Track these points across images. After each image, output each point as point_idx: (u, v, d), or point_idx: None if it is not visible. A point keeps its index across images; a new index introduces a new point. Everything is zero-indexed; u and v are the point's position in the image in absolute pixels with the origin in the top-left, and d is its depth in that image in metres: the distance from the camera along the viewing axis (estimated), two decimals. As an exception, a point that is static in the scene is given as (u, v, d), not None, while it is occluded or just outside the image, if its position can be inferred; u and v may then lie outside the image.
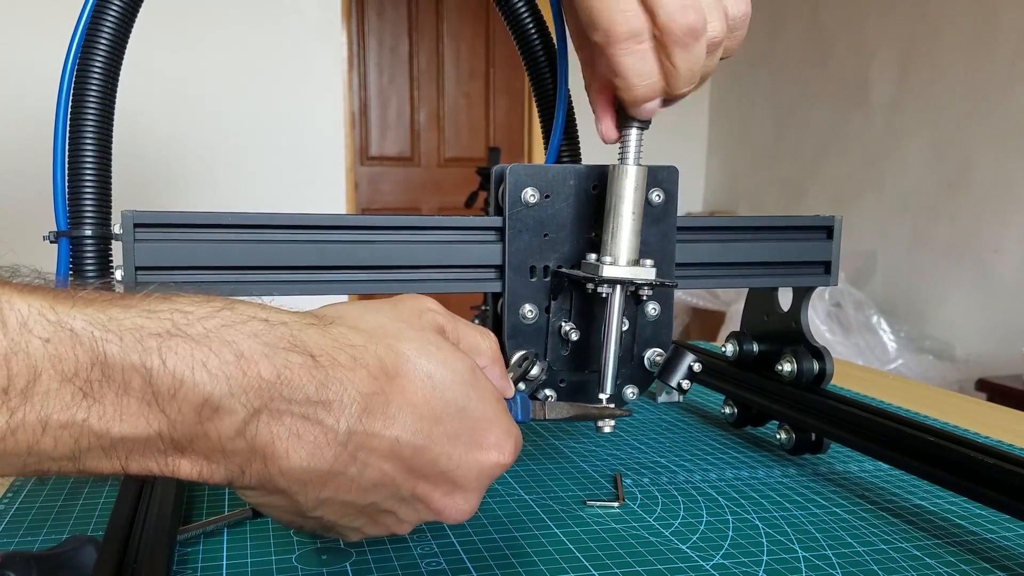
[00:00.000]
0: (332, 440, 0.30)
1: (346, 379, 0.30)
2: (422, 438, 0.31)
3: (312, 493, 0.31)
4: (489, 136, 3.46)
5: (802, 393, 0.58)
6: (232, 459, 0.29)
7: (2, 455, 0.25)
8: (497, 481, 0.54)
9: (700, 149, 3.59)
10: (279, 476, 0.29)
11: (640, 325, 0.51)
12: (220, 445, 0.28)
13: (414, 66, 3.33)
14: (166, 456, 0.28)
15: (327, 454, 0.30)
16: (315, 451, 0.29)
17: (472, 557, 0.43)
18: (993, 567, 0.44)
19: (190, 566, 0.42)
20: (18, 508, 0.49)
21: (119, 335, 0.26)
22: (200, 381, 0.27)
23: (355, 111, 3.23)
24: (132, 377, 0.26)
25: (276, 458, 0.29)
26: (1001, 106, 2.25)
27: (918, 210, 2.52)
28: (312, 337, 0.30)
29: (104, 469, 0.27)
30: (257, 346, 0.28)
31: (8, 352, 0.24)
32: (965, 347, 2.33)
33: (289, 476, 0.30)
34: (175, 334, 0.27)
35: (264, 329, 0.29)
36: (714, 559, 0.44)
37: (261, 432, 0.29)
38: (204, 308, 0.28)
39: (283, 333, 0.29)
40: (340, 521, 0.33)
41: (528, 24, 0.56)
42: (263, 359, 0.28)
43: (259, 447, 0.29)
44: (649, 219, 0.50)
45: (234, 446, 0.28)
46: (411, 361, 0.32)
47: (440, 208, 3.36)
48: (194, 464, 0.28)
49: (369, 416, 0.30)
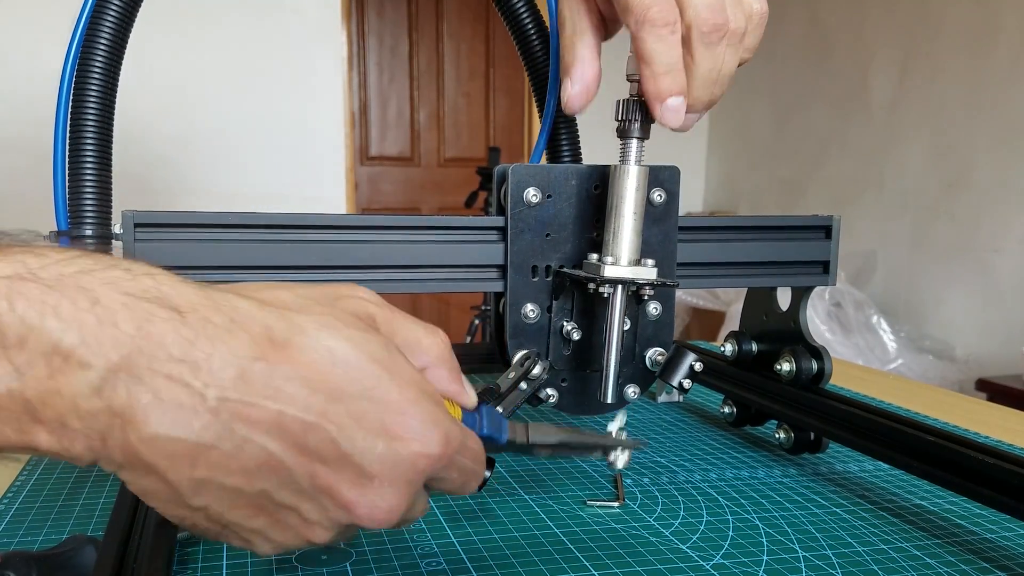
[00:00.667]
0: (200, 406, 0.26)
1: (218, 340, 0.26)
2: (314, 415, 0.27)
3: (184, 471, 0.26)
4: (489, 136, 3.46)
5: (801, 392, 0.58)
6: (91, 425, 0.26)
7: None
8: (496, 480, 0.54)
9: (700, 149, 3.59)
10: (141, 446, 0.26)
11: (641, 325, 0.51)
12: (75, 405, 0.25)
13: (414, 66, 3.33)
14: (20, 422, 0.25)
15: (194, 423, 0.26)
16: (179, 418, 0.26)
17: (472, 557, 0.43)
18: (993, 567, 0.44)
19: (190, 566, 0.42)
20: (18, 508, 0.49)
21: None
22: (50, 327, 0.24)
23: (355, 111, 3.23)
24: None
25: (136, 424, 0.25)
26: (1001, 105, 2.25)
27: (918, 210, 2.52)
28: (183, 293, 0.26)
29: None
30: (116, 295, 0.25)
31: None
32: (965, 347, 2.33)
33: (152, 447, 0.26)
34: (26, 277, 0.25)
35: (125, 278, 0.26)
36: (714, 559, 0.44)
37: (119, 392, 0.25)
38: (62, 254, 0.26)
39: (148, 285, 0.26)
40: (232, 518, 0.28)
41: (527, 23, 0.56)
42: (122, 309, 0.25)
43: (118, 409, 0.25)
44: (650, 219, 0.50)
45: (90, 406, 0.25)
46: (308, 333, 0.27)
47: (440, 208, 3.36)
48: (51, 434, 0.25)
49: (247, 384, 0.26)
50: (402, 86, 3.32)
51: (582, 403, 0.52)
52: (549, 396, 0.50)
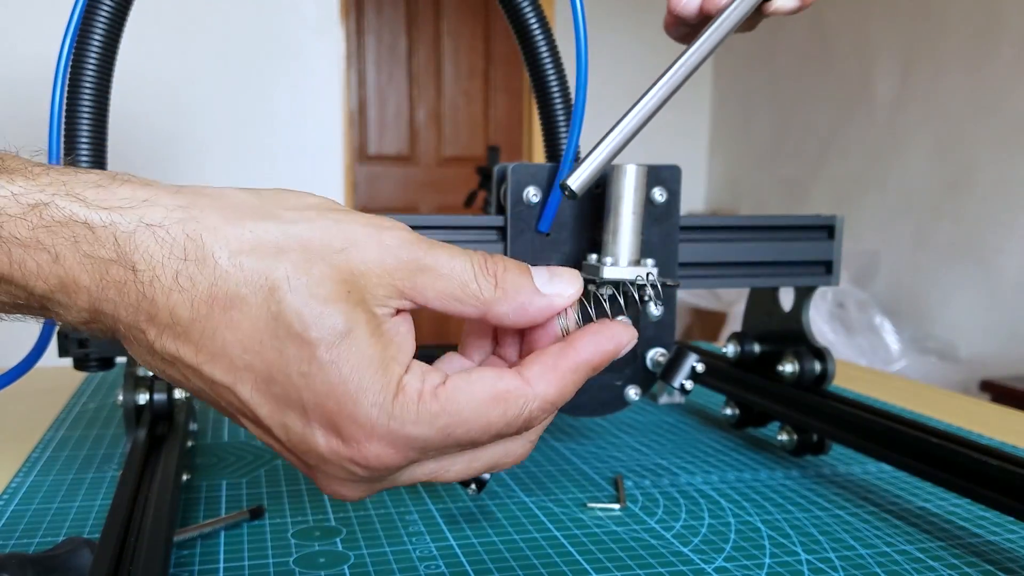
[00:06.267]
0: (160, 358, 0.27)
1: (159, 299, 0.25)
2: (247, 391, 0.26)
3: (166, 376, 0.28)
4: (488, 135, 3.45)
5: (804, 394, 0.58)
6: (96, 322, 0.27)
7: None
8: (496, 483, 0.54)
9: (702, 148, 3.59)
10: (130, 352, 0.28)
11: (643, 325, 0.51)
12: (75, 327, 0.27)
13: (413, 64, 3.32)
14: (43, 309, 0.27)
15: (157, 364, 0.27)
16: (151, 362, 0.27)
17: (472, 560, 0.43)
18: (997, 569, 0.43)
19: (187, 569, 0.41)
20: (14, 510, 0.49)
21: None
22: (18, 279, 0.25)
23: (353, 110, 3.22)
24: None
25: (127, 348, 0.27)
26: (1005, 105, 2.25)
27: (921, 210, 2.51)
28: (143, 242, 0.25)
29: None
30: (76, 256, 0.25)
31: None
32: (969, 348, 2.33)
33: (137, 359, 0.28)
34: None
35: (85, 234, 0.25)
36: (716, 562, 0.43)
37: (104, 328, 0.27)
38: (19, 205, 0.25)
39: (106, 239, 0.25)
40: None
41: (530, 19, 0.56)
42: (82, 270, 0.25)
43: (109, 330, 0.27)
44: (652, 218, 0.49)
45: (89, 328, 0.27)
46: (247, 300, 0.25)
47: (439, 207, 3.36)
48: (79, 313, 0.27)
49: (185, 343, 0.26)
50: (400, 85, 3.32)
51: (582, 405, 0.51)
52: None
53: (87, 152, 0.46)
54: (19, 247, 0.25)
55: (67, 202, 0.25)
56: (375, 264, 0.26)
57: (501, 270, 0.28)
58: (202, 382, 0.27)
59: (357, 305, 0.26)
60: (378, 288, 0.27)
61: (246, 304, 0.25)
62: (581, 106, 0.47)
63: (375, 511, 0.49)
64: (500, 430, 0.27)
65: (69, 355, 0.56)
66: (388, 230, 0.27)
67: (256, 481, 0.54)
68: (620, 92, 2.68)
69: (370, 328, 0.26)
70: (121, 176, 0.27)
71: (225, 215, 0.26)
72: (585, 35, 0.46)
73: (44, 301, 0.26)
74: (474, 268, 0.28)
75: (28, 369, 0.46)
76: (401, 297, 0.27)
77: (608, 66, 2.97)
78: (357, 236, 0.27)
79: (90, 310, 0.26)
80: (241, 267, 0.25)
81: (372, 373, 0.25)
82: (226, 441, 0.63)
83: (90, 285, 0.25)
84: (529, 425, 0.28)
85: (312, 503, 0.50)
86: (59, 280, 0.25)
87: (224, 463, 0.58)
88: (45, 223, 0.25)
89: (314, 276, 0.25)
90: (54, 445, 0.61)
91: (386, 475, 0.27)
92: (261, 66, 2.59)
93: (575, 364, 0.28)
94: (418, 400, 0.26)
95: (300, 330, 0.25)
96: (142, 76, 2.29)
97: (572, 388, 0.28)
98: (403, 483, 0.28)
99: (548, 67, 0.56)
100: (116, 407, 0.71)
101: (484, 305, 0.28)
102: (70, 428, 0.66)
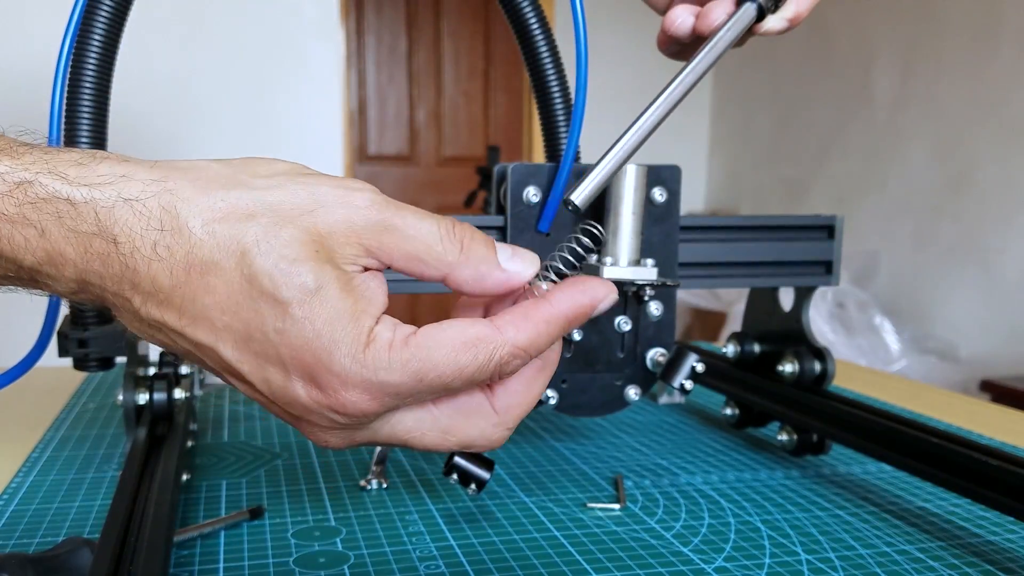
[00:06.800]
0: (147, 324, 0.28)
1: (140, 268, 0.27)
2: (229, 351, 0.27)
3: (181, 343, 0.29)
4: (488, 135, 3.45)
5: (804, 394, 0.58)
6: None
7: None
8: (496, 483, 0.54)
9: (702, 148, 3.59)
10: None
11: (643, 325, 0.51)
12: (65, 297, 0.29)
13: (413, 64, 3.32)
14: (35, 281, 0.28)
15: (156, 335, 0.28)
16: (140, 328, 0.28)
17: (471, 560, 0.43)
18: (997, 569, 0.43)
19: (187, 569, 0.41)
20: (14, 510, 0.49)
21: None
22: (8, 253, 0.27)
23: (353, 110, 3.22)
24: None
25: (116, 316, 0.29)
26: (1005, 105, 2.25)
27: (921, 210, 2.51)
28: (121, 216, 0.26)
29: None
30: (61, 231, 0.26)
31: None
32: (969, 348, 2.33)
33: (127, 326, 0.29)
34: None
35: (67, 210, 0.26)
36: (716, 562, 0.43)
37: (93, 297, 0.28)
38: (4, 183, 0.26)
39: (87, 214, 0.26)
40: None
41: (530, 20, 0.56)
42: (67, 244, 0.26)
43: (97, 300, 0.29)
44: (652, 218, 0.49)
45: (77, 298, 0.29)
46: (221, 265, 0.26)
47: (439, 207, 3.33)
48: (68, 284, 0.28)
49: (168, 309, 0.27)
50: (400, 85, 3.32)
51: (582, 404, 0.51)
52: (549, 398, 0.50)
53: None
54: (7, 223, 0.26)
55: (50, 180, 0.26)
56: (343, 224, 0.27)
57: (468, 238, 0.29)
58: (188, 344, 0.28)
59: (326, 263, 0.27)
60: (346, 247, 0.28)
61: (221, 269, 0.26)
62: (581, 106, 0.47)
63: (375, 511, 0.49)
64: (472, 374, 0.28)
65: (69, 355, 0.56)
66: (357, 191, 0.28)
67: (256, 481, 0.54)
68: (620, 93, 2.68)
69: (340, 284, 0.27)
70: (100, 154, 0.28)
71: (197, 186, 0.27)
72: (585, 35, 0.46)
73: (34, 273, 0.27)
74: (440, 231, 0.29)
75: (28, 369, 0.46)
76: (368, 256, 0.28)
77: (608, 67, 2.97)
78: (326, 198, 0.28)
79: (77, 280, 0.27)
80: (214, 234, 0.26)
81: (343, 326, 0.27)
82: (226, 441, 0.63)
83: (75, 258, 0.27)
84: (501, 372, 0.28)
85: (312, 503, 0.50)
86: (46, 253, 0.27)
87: (224, 463, 0.58)
88: (30, 200, 0.26)
89: (283, 238, 0.27)
90: (54, 445, 0.61)
91: (366, 422, 0.28)
92: (262, 66, 2.59)
93: (548, 315, 0.29)
94: (388, 349, 0.27)
95: (272, 290, 0.26)
96: (143, 76, 2.29)
97: (545, 339, 0.29)
98: (383, 438, 0.30)
99: (548, 67, 0.57)
100: (116, 407, 0.71)
101: (447, 268, 0.29)
102: (70, 428, 0.66)
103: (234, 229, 0.27)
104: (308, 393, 0.27)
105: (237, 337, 0.27)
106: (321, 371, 0.27)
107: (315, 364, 0.27)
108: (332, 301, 0.27)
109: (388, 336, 0.27)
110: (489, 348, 0.28)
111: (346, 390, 0.27)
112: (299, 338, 0.26)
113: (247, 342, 0.27)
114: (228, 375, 0.29)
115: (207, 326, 0.27)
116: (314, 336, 0.26)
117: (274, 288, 0.26)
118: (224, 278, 0.26)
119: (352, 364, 0.26)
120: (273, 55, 2.55)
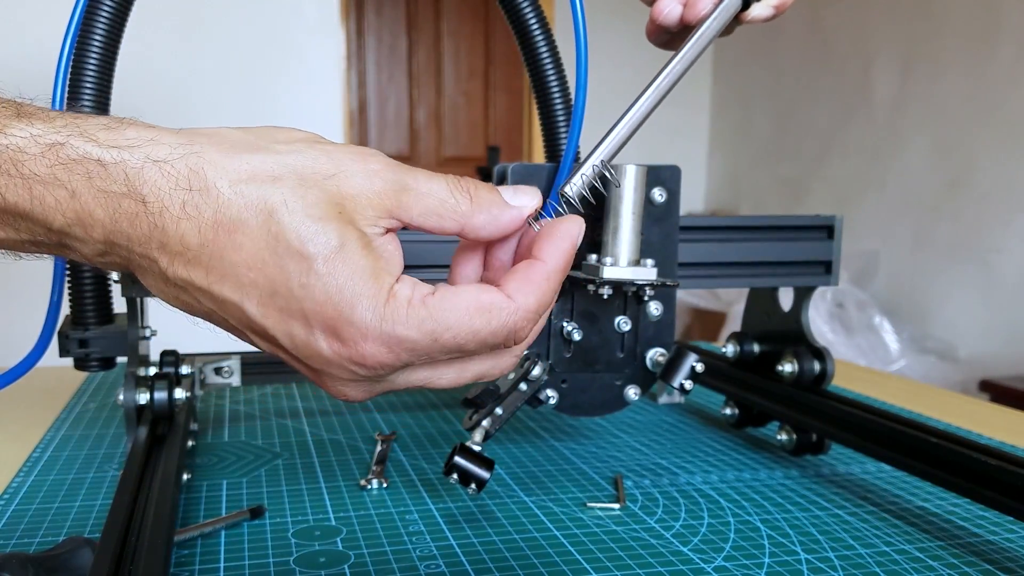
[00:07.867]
0: (173, 284, 0.29)
1: (169, 228, 0.28)
2: (254, 306, 0.28)
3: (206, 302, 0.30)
4: (488, 135, 3.45)
5: (803, 393, 0.58)
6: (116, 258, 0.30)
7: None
8: (496, 482, 0.54)
9: (701, 148, 3.59)
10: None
11: (642, 325, 0.51)
12: (91, 260, 0.29)
13: (413, 64, 3.32)
14: (59, 247, 0.29)
15: (180, 296, 0.30)
16: (164, 290, 0.30)
17: (472, 560, 0.43)
18: (996, 569, 0.43)
19: (187, 569, 0.41)
20: (15, 509, 0.49)
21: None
22: (38, 214, 0.28)
23: (353, 110, 3.22)
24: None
25: (141, 278, 0.30)
26: (1004, 105, 2.25)
27: (921, 210, 2.52)
28: (150, 177, 0.27)
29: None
30: (91, 191, 0.27)
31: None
32: (968, 348, 2.33)
33: (150, 289, 0.30)
34: (12, 174, 0.27)
35: (98, 171, 0.27)
36: (715, 561, 0.43)
37: (119, 260, 0.29)
38: (38, 145, 0.27)
39: (117, 175, 0.27)
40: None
41: (530, 20, 0.56)
42: (96, 204, 0.28)
43: (123, 265, 0.30)
44: (652, 218, 0.49)
45: (103, 261, 0.29)
46: (248, 223, 0.28)
47: (440, 207, 3.35)
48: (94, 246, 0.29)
49: (195, 267, 0.28)
50: (401, 85, 3.32)
51: (582, 404, 0.51)
52: (549, 398, 0.50)
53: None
54: (39, 184, 0.27)
55: (81, 142, 0.27)
56: (364, 187, 0.29)
57: (473, 188, 0.31)
58: (212, 303, 0.29)
59: (348, 223, 0.28)
60: (367, 209, 0.29)
61: (248, 227, 0.28)
62: (581, 106, 0.47)
63: (375, 511, 0.49)
64: (486, 338, 0.29)
65: (69, 355, 0.56)
66: (372, 156, 0.30)
67: (256, 481, 0.54)
68: (620, 92, 2.68)
69: (361, 244, 0.28)
70: (127, 120, 0.29)
71: (223, 150, 0.28)
72: (585, 35, 0.46)
73: (62, 236, 0.28)
74: (449, 186, 0.31)
75: (28, 369, 0.46)
76: (389, 216, 0.30)
77: (608, 67, 2.97)
78: (345, 164, 0.29)
79: (105, 242, 0.28)
80: (242, 194, 0.28)
81: (365, 282, 0.28)
82: (226, 441, 0.63)
83: (104, 218, 0.27)
84: (516, 337, 0.30)
85: (312, 503, 0.50)
86: (76, 214, 0.27)
87: (224, 463, 0.58)
88: (62, 161, 0.27)
89: (308, 199, 0.28)
90: (55, 445, 0.61)
91: (384, 374, 0.30)
92: (262, 66, 2.59)
93: (546, 273, 0.31)
94: (407, 305, 0.28)
95: (298, 246, 0.27)
96: (143, 76, 2.28)
97: (550, 295, 0.31)
98: (400, 385, 0.31)
99: (548, 67, 0.57)
100: (116, 407, 0.71)
101: (462, 217, 0.30)
102: (71, 428, 0.66)
103: (261, 190, 0.28)
104: (330, 346, 0.28)
105: (262, 293, 0.28)
106: (343, 324, 0.28)
107: (337, 317, 0.28)
108: (355, 258, 0.28)
109: (407, 293, 0.28)
110: (504, 315, 0.29)
111: (366, 342, 0.28)
112: (323, 292, 0.28)
113: (272, 297, 0.28)
114: (251, 332, 0.30)
115: (233, 283, 0.28)
116: (337, 291, 0.28)
117: (300, 245, 0.27)
118: (251, 236, 0.28)
119: (372, 318, 0.28)
120: (273, 55, 2.55)
